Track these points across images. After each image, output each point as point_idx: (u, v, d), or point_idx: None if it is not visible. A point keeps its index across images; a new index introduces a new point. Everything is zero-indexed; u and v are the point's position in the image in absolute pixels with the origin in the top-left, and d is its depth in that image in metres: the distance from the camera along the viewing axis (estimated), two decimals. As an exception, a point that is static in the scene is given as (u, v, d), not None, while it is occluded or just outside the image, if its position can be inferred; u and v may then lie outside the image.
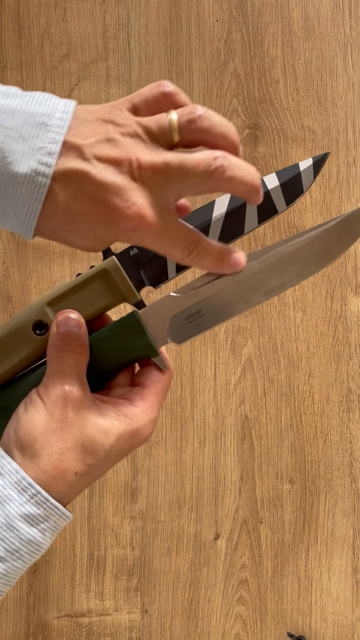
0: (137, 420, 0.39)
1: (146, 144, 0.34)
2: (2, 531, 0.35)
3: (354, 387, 0.84)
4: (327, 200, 0.83)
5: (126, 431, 0.38)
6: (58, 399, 0.37)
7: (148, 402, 0.39)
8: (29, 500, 0.36)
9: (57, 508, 0.37)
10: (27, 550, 0.36)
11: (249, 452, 0.84)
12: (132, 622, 0.86)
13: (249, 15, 0.82)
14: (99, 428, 0.37)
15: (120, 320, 0.39)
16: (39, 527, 0.36)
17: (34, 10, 0.81)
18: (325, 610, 0.85)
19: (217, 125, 0.36)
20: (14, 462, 0.36)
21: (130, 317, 0.39)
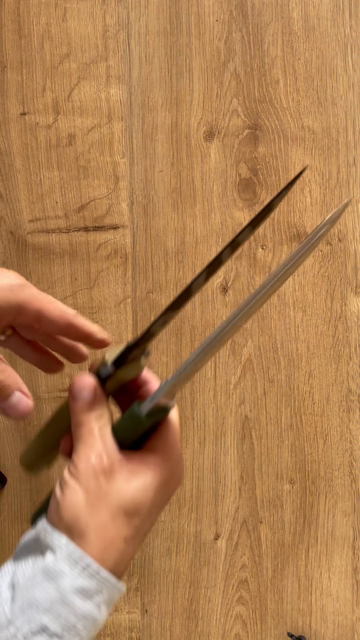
0: (167, 467, 0.39)
1: None
2: (57, 607, 0.35)
3: (354, 387, 0.84)
4: (327, 200, 0.83)
5: (161, 481, 0.39)
6: (88, 473, 0.37)
7: (170, 445, 0.40)
8: (81, 573, 0.36)
9: (108, 580, 0.37)
10: (83, 626, 0.36)
11: (249, 452, 0.84)
12: (132, 622, 0.86)
13: (249, 15, 0.82)
14: (135, 488, 0.38)
15: (126, 417, 0.40)
16: (93, 600, 0.36)
17: (34, 10, 0.81)
18: (325, 610, 0.85)
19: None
20: (63, 537, 0.37)
21: (134, 416, 0.40)
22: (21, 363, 0.83)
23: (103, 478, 0.37)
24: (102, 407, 0.40)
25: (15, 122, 0.82)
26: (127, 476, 0.38)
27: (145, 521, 0.38)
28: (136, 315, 0.83)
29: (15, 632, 0.35)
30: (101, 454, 0.38)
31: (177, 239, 0.83)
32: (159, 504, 0.39)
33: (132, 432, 0.40)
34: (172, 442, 0.40)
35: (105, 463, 0.38)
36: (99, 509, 0.37)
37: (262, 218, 0.40)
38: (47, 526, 0.37)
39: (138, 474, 0.38)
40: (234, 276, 0.83)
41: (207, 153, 0.82)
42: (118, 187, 0.83)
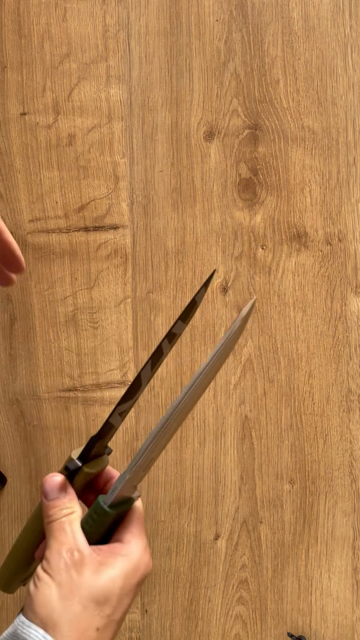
0: (133, 555, 0.42)
1: None
2: None
3: (354, 387, 0.84)
4: (327, 200, 0.83)
5: (129, 568, 0.41)
6: (60, 567, 0.39)
7: (136, 534, 0.43)
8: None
9: None
10: None
11: (249, 452, 0.84)
12: (132, 622, 0.86)
13: (249, 15, 0.82)
14: (104, 579, 0.40)
15: (92, 511, 0.43)
16: None
17: (34, 10, 0.81)
18: (325, 610, 0.85)
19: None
20: (40, 630, 0.38)
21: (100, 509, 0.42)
22: (21, 363, 0.83)
23: (74, 571, 0.39)
24: (72, 503, 0.43)
25: (15, 122, 0.82)
26: (97, 568, 0.40)
27: (117, 609, 0.40)
28: (136, 315, 0.83)
29: None
30: (72, 548, 0.40)
31: (177, 239, 0.83)
32: (128, 592, 0.41)
33: (99, 525, 0.42)
34: (137, 532, 0.43)
35: (76, 557, 0.40)
36: (71, 601, 0.39)
37: (189, 312, 0.44)
38: (24, 620, 0.39)
39: (107, 565, 0.40)
40: (234, 276, 0.83)
41: (207, 153, 0.82)
42: (118, 187, 0.83)
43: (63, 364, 0.83)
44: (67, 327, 0.83)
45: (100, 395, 0.83)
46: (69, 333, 0.83)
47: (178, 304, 0.83)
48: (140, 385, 0.44)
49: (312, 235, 0.83)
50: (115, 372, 0.83)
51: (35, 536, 0.48)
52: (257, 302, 0.84)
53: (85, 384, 0.83)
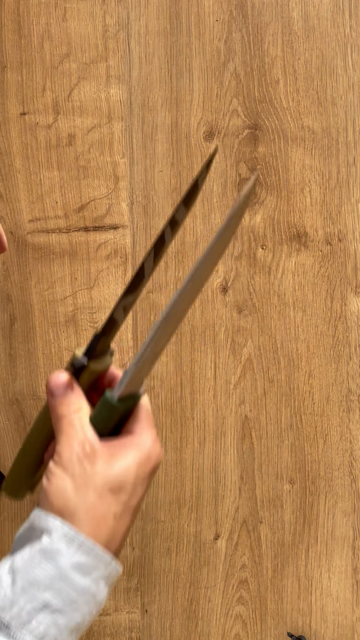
0: (145, 444, 0.42)
1: None
2: (57, 583, 0.37)
3: (354, 387, 0.84)
4: (327, 200, 0.83)
5: (141, 457, 0.41)
6: (73, 460, 0.40)
7: (145, 425, 0.43)
8: (77, 550, 0.38)
9: (103, 556, 0.39)
10: (83, 601, 0.38)
11: (249, 452, 0.84)
12: (132, 622, 0.86)
13: (249, 15, 0.81)
14: (118, 468, 0.40)
15: (100, 406, 0.43)
16: (91, 576, 0.38)
17: (34, 10, 0.81)
18: (325, 610, 0.85)
19: None
20: (57, 519, 0.39)
21: (107, 403, 0.42)
22: (21, 363, 0.83)
23: (87, 463, 0.40)
24: (80, 400, 0.43)
25: (15, 122, 0.82)
26: (109, 459, 0.40)
27: (132, 497, 0.41)
28: (136, 315, 0.83)
29: (19, 611, 0.36)
30: (83, 441, 0.40)
31: (177, 239, 0.83)
32: (142, 480, 0.41)
33: (107, 420, 0.42)
34: (146, 423, 0.43)
35: (88, 449, 0.40)
36: (86, 491, 0.39)
37: (192, 197, 0.41)
38: (40, 512, 0.39)
39: (119, 456, 0.41)
40: (234, 276, 0.83)
41: (207, 153, 0.82)
42: (118, 187, 0.83)
43: (63, 364, 0.83)
44: (67, 327, 0.83)
45: (100, 395, 0.83)
46: (69, 333, 0.83)
47: (178, 304, 0.83)
48: (143, 277, 0.42)
49: (312, 235, 0.83)
50: (115, 372, 0.83)
51: (42, 439, 0.48)
52: (257, 302, 0.84)
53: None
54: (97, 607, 0.39)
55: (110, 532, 0.39)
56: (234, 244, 0.83)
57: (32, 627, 0.36)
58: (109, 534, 0.39)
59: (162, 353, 0.68)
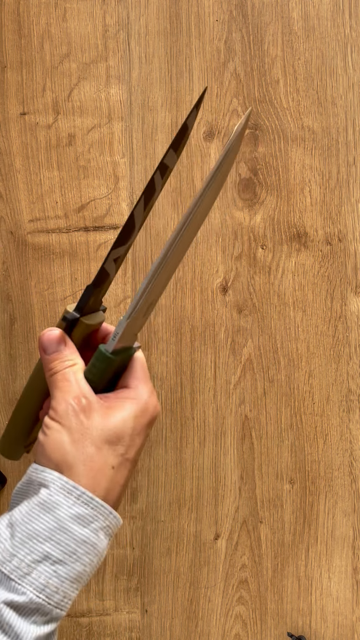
0: (141, 397, 0.42)
1: None
2: (56, 534, 0.37)
3: (354, 387, 0.84)
4: (327, 201, 0.83)
5: (137, 409, 0.41)
6: (68, 413, 0.39)
7: (141, 379, 0.43)
8: (76, 501, 0.38)
9: (102, 506, 0.38)
10: (83, 551, 0.38)
11: (249, 452, 0.84)
12: (132, 622, 0.86)
13: (249, 15, 0.81)
14: (114, 420, 0.40)
15: (95, 360, 0.42)
16: (90, 527, 0.38)
17: (34, 10, 0.81)
18: (325, 610, 0.85)
19: None
20: (55, 472, 0.38)
21: (102, 355, 0.42)
22: (21, 363, 0.83)
23: (83, 416, 0.39)
24: (73, 355, 0.42)
25: (15, 122, 0.82)
26: (105, 411, 0.40)
27: (130, 448, 0.41)
28: (136, 315, 0.83)
29: (19, 563, 0.36)
30: (78, 395, 0.40)
31: (177, 239, 0.83)
32: (139, 432, 0.41)
33: (102, 374, 0.42)
34: (141, 376, 0.43)
35: (84, 403, 0.40)
36: (83, 443, 0.39)
37: (181, 140, 0.40)
38: (37, 466, 0.39)
39: (115, 408, 0.41)
40: (234, 276, 0.83)
41: (207, 153, 0.82)
42: (118, 187, 0.83)
43: (63, 364, 0.83)
44: (67, 327, 0.83)
45: (100, 395, 0.83)
46: (69, 333, 0.83)
47: (178, 304, 0.83)
48: (134, 227, 0.41)
49: (312, 235, 0.83)
50: (115, 372, 0.83)
51: (36, 397, 0.47)
52: (257, 302, 0.84)
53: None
54: (98, 558, 0.39)
55: (109, 484, 0.39)
56: (234, 244, 0.83)
57: (32, 579, 0.36)
58: (108, 486, 0.39)
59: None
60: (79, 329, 0.44)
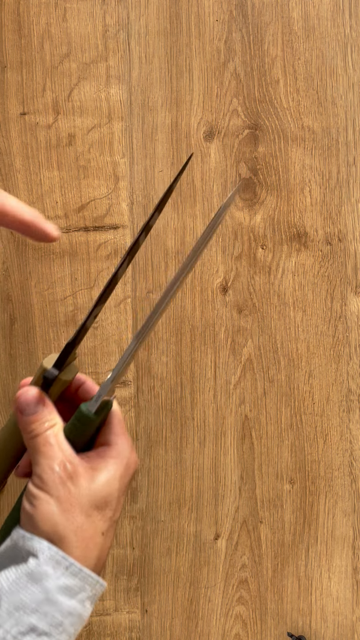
0: (123, 455, 0.42)
1: None
2: (43, 606, 0.36)
3: (354, 387, 0.84)
4: (327, 201, 0.83)
5: (122, 469, 0.41)
6: (55, 482, 0.39)
7: (120, 435, 0.42)
8: (64, 572, 0.37)
9: (90, 576, 0.38)
10: (69, 623, 0.37)
11: (249, 452, 0.84)
12: (132, 622, 0.86)
13: (249, 15, 0.81)
14: (101, 484, 0.40)
15: (77, 420, 0.41)
16: (77, 597, 0.38)
17: (34, 10, 0.81)
18: (325, 610, 0.85)
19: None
20: (44, 541, 0.38)
21: (85, 417, 0.41)
22: (21, 363, 0.83)
23: (70, 483, 0.39)
24: (52, 414, 0.41)
25: (15, 122, 0.82)
26: (91, 475, 0.40)
27: (117, 510, 0.41)
28: (136, 315, 0.83)
29: (5, 634, 0.36)
30: (63, 461, 0.39)
31: (177, 239, 0.83)
32: (124, 490, 0.41)
33: (83, 433, 0.41)
34: (120, 431, 0.43)
35: (69, 469, 0.39)
36: (73, 513, 0.38)
37: (165, 201, 0.42)
38: (25, 534, 0.38)
39: (100, 470, 0.40)
40: (234, 276, 0.83)
41: (207, 153, 0.82)
42: (118, 187, 0.83)
43: (63, 364, 0.83)
44: (67, 327, 0.83)
45: (100, 395, 0.83)
46: (69, 333, 0.83)
47: (178, 303, 0.83)
48: (116, 284, 0.42)
49: (312, 235, 0.83)
50: (115, 372, 0.83)
51: (9, 451, 0.46)
52: (257, 302, 0.84)
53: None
54: (82, 625, 0.39)
55: (99, 551, 0.39)
56: (234, 244, 0.83)
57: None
58: (99, 552, 0.39)
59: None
60: (56, 386, 0.43)
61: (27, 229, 0.41)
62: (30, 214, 0.41)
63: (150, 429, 0.84)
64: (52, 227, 0.41)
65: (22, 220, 0.40)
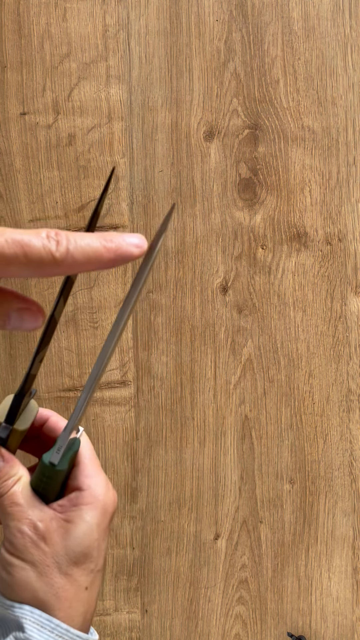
0: (98, 498, 0.38)
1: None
2: None
3: (354, 387, 0.84)
4: (327, 201, 0.83)
5: (98, 515, 0.37)
6: (27, 547, 0.36)
7: (92, 475, 0.39)
8: (50, 634, 0.35)
9: (79, 636, 0.36)
10: None
11: (249, 452, 0.84)
12: (132, 622, 0.86)
13: (249, 15, 0.81)
14: (78, 536, 0.37)
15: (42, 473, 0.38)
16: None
17: (34, 10, 0.81)
18: (325, 610, 0.85)
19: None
20: (26, 606, 0.36)
21: (49, 470, 0.38)
22: (21, 363, 0.83)
23: (44, 544, 0.36)
24: (15, 469, 0.38)
25: (15, 122, 0.82)
26: (66, 528, 0.37)
27: (98, 559, 0.38)
28: (136, 315, 0.83)
29: None
30: (33, 522, 0.36)
31: (177, 239, 0.83)
32: (104, 537, 0.38)
33: (51, 484, 0.38)
34: (93, 472, 0.39)
35: (41, 528, 0.36)
36: (51, 575, 0.36)
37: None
38: (5, 601, 0.36)
39: (75, 522, 0.37)
40: (234, 276, 0.83)
41: (207, 153, 0.82)
42: (118, 187, 0.83)
43: (63, 363, 0.83)
44: (67, 327, 0.83)
45: (100, 395, 0.83)
46: (69, 333, 0.83)
47: (178, 303, 0.83)
48: (55, 324, 0.39)
49: (312, 235, 0.83)
50: (115, 372, 0.83)
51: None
52: (257, 302, 0.83)
53: (85, 384, 0.83)
54: None
55: (85, 606, 0.37)
56: (234, 244, 0.83)
57: None
58: (85, 608, 0.37)
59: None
60: (14, 437, 0.40)
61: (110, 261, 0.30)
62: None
63: (150, 429, 0.84)
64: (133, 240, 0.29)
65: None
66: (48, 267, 0.27)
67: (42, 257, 0.26)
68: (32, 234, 0.26)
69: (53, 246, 0.26)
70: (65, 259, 0.27)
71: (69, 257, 0.27)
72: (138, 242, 0.29)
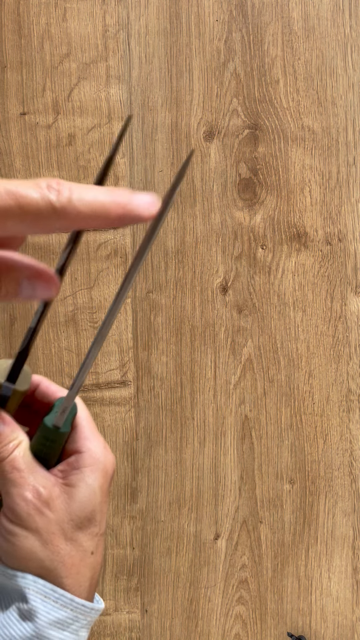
0: (98, 459, 0.37)
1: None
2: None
3: (354, 387, 0.84)
4: (327, 201, 0.83)
5: (99, 477, 0.37)
6: (31, 514, 0.35)
7: (91, 437, 0.38)
8: (54, 605, 0.35)
9: (83, 605, 0.35)
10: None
11: (249, 452, 0.84)
12: (132, 622, 0.86)
13: (249, 15, 0.81)
14: (82, 499, 0.36)
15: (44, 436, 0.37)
16: (70, 628, 0.35)
17: (34, 10, 0.81)
18: (325, 610, 0.85)
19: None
20: (28, 575, 0.35)
21: (52, 433, 0.37)
22: (21, 363, 0.83)
23: (47, 510, 0.35)
24: (15, 433, 0.37)
25: (15, 122, 0.82)
26: (68, 492, 0.36)
27: (102, 522, 0.37)
28: (136, 315, 0.83)
29: None
30: (36, 488, 0.35)
31: (177, 239, 0.83)
32: (106, 499, 0.37)
33: (53, 447, 0.37)
34: (91, 434, 0.38)
35: (44, 494, 0.35)
36: (56, 542, 0.35)
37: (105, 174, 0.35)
38: (7, 570, 0.35)
39: (77, 484, 0.36)
40: (234, 276, 0.83)
41: (207, 153, 0.83)
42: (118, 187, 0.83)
43: (63, 364, 0.83)
44: (67, 327, 0.83)
45: (100, 395, 0.83)
46: (69, 333, 0.83)
47: (178, 303, 0.83)
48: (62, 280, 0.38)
49: (312, 235, 0.83)
50: (115, 372, 0.83)
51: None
52: (257, 302, 0.84)
53: (85, 384, 0.83)
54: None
55: (92, 570, 0.36)
56: (234, 244, 0.83)
57: None
58: (91, 573, 0.36)
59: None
60: (13, 399, 0.38)
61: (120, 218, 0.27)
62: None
63: (150, 429, 0.84)
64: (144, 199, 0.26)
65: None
66: (47, 219, 0.24)
67: (39, 208, 0.23)
68: (29, 184, 0.24)
69: (53, 196, 0.24)
70: (66, 210, 0.24)
71: (70, 208, 0.24)
72: (150, 199, 0.26)
